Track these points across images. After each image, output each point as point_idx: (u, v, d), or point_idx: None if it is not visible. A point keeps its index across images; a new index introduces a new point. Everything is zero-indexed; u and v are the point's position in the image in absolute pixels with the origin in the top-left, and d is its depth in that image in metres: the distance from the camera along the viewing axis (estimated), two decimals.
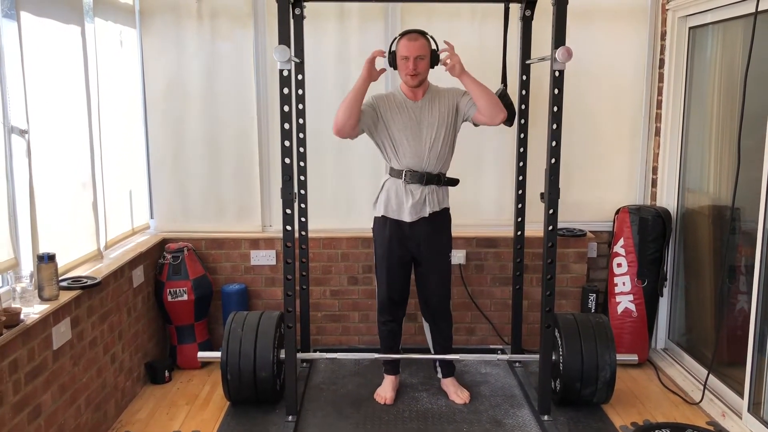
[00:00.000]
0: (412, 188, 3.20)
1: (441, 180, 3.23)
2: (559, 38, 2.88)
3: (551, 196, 3.00)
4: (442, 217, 3.29)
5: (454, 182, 3.29)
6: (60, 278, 2.80)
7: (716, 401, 3.33)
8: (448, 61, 3.08)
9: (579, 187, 4.09)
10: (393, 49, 3.17)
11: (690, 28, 3.78)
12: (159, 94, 3.96)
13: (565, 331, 3.28)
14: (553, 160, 2.97)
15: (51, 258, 2.66)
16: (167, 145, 4.01)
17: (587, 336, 3.25)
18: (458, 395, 3.42)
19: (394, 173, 3.21)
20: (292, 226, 3.02)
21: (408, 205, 3.20)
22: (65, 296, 2.73)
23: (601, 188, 4.16)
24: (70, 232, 3.09)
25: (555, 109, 2.94)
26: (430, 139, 3.17)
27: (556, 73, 2.91)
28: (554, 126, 2.95)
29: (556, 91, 2.92)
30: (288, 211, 3.00)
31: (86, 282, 2.91)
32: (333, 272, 4.07)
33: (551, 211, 3.01)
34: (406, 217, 3.22)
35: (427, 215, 3.21)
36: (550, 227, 3.02)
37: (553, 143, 2.96)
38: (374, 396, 3.45)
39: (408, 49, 3.08)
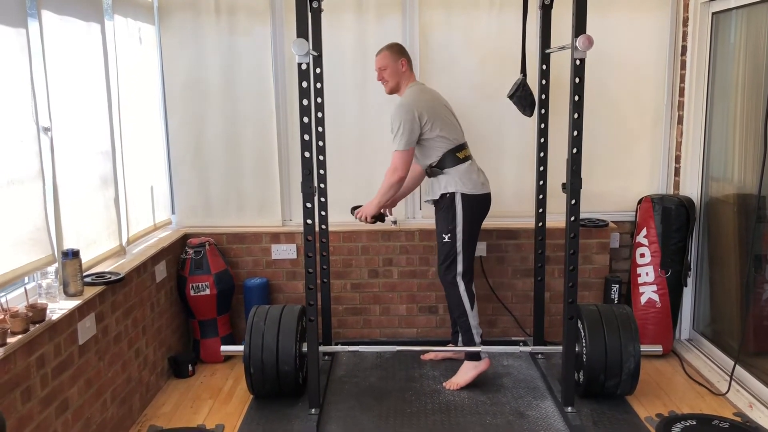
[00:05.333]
0: (428, 179, 3.55)
1: (430, 172, 3.45)
2: (579, 26, 2.84)
3: (573, 186, 2.97)
4: (440, 201, 3.43)
5: (436, 173, 3.42)
6: (84, 274, 2.82)
7: (743, 392, 3.29)
8: (362, 219, 3.50)
9: (601, 177, 4.05)
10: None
11: (713, 14, 3.71)
12: (178, 90, 3.98)
13: (589, 322, 3.25)
14: (574, 150, 2.93)
15: (75, 254, 2.69)
16: (187, 141, 4.03)
17: (611, 327, 3.22)
18: (452, 381, 3.47)
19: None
20: (313, 219, 3.02)
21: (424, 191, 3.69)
22: (89, 292, 2.76)
23: (623, 178, 4.12)
24: (94, 228, 3.11)
25: (576, 98, 2.90)
26: None
27: (577, 62, 2.87)
28: (576, 115, 2.91)
29: (577, 80, 2.88)
30: (308, 204, 3.00)
31: (110, 277, 2.94)
32: (353, 266, 4.07)
33: (573, 202, 2.98)
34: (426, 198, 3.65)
35: (425, 201, 3.63)
36: (572, 218, 2.99)
37: (575, 133, 2.92)
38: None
39: (376, 62, 3.51)
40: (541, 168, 3.60)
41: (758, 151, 3.21)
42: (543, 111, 3.55)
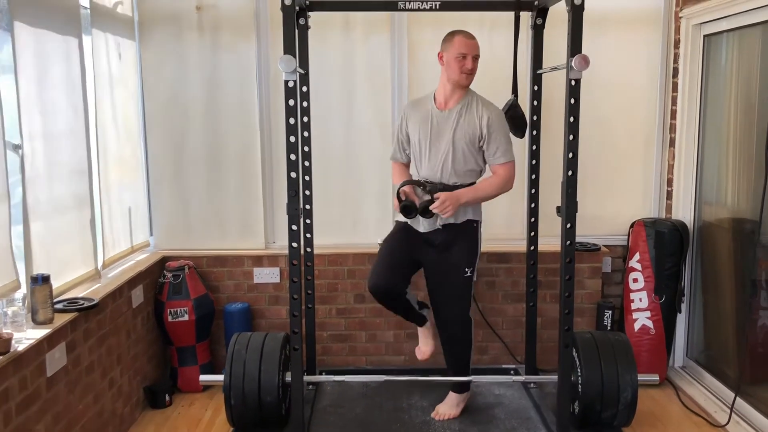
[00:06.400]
0: None
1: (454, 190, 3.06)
2: (575, 46, 2.76)
3: (569, 210, 2.87)
4: (464, 228, 3.12)
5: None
6: (55, 300, 2.67)
7: (743, 424, 3.19)
8: (444, 213, 2.99)
9: (591, 200, 3.96)
10: (440, 50, 3.08)
11: (705, 36, 3.67)
12: (159, 108, 3.85)
13: (584, 350, 3.14)
14: (570, 173, 2.84)
15: (45, 279, 2.53)
16: (167, 160, 3.89)
17: (607, 356, 3.11)
18: (440, 411, 3.30)
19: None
20: (298, 242, 2.89)
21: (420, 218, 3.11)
22: (60, 319, 2.60)
23: (614, 201, 4.04)
24: (67, 251, 2.96)
25: (571, 119, 2.81)
26: (447, 152, 3.06)
27: (573, 82, 2.78)
28: (571, 137, 2.82)
29: (573, 101, 2.80)
30: (294, 227, 2.87)
31: (83, 304, 2.78)
32: (339, 290, 3.93)
33: (569, 226, 2.88)
34: (419, 227, 3.15)
35: (439, 227, 3.10)
36: (568, 242, 2.89)
37: (570, 155, 2.83)
38: (415, 352, 3.40)
39: (467, 47, 3.00)
40: (533, 190, 3.51)
41: (752, 175, 3.15)
42: (534, 132, 3.47)
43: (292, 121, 2.82)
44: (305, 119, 3.47)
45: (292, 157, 2.83)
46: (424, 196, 3.06)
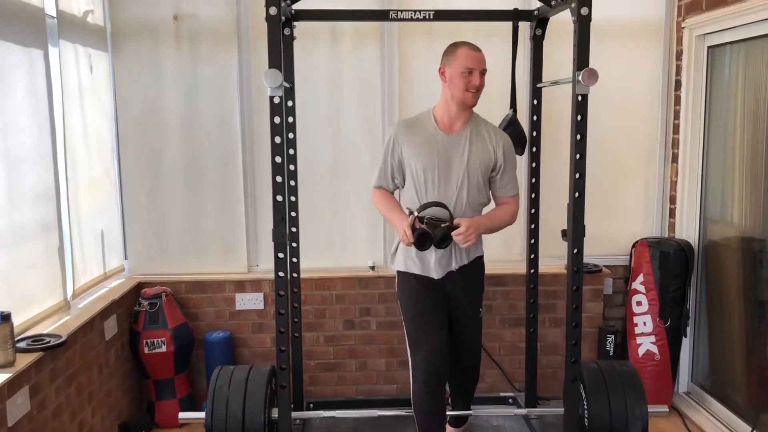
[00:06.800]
0: None
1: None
2: (582, 59, 2.59)
3: (576, 234, 2.68)
4: (474, 267, 2.84)
5: None
6: (18, 338, 2.43)
7: None
8: (466, 243, 2.63)
9: (591, 218, 3.68)
10: (441, 63, 2.75)
11: (709, 48, 3.51)
12: (133, 123, 3.61)
13: (590, 381, 2.94)
14: (576, 194, 2.65)
15: (5, 318, 2.30)
16: (142, 179, 3.65)
17: (615, 387, 2.92)
18: None
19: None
20: (285, 272, 2.67)
21: (433, 260, 2.75)
22: (23, 361, 2.35)
23: (615, 219, 3.87)
24: (31, 282, 2.70)
25: (578, 137, 2.63)
26: (462, 181, 2.70)
27: (579, 98, 2.61)
28: (577, 156, 2.64)
29: (579, 117, 2.62)
30: (281, 255, 2.65)
31: (49, 341, 2.53)
32: (327, 316, 3.70)
33: (576, 251, 2.69)
34: (432, 274, 2.76)
35: (454, 269, 2.78)
36: (575, 269, 2.69)
37: (577, 175, 2.64)
38: None
39: (473, 60, 2.64)
40: (533, 210, 3.32)
41: (760, 192, 2.99)
42: (534, 149, 3.28)
43: (278, 140, 2.60)
44: (290, 135, 3.25)
45: (278, 179, 2.61)
46: (441, 224, 2.64)
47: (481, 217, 2.79)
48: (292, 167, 3.26)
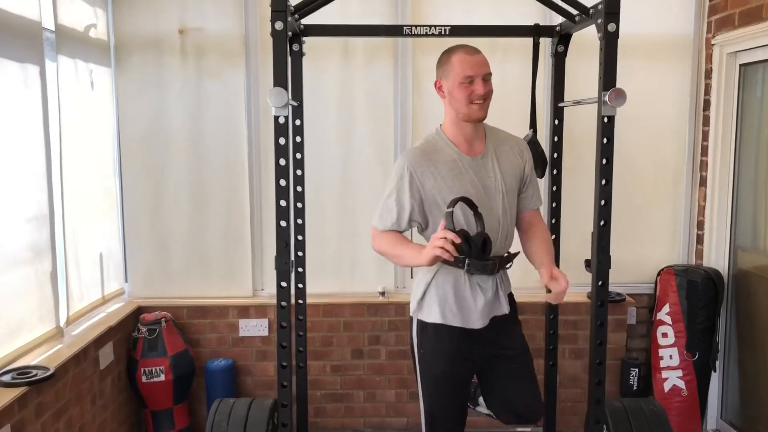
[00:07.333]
0: (479, 281, 2.25)
1: (509, 260, 2.35)
2: (608, 78, 2.41)
3: (600, 265, 2.49)
4: (512, 307, 2.44)
5: (515, 254, 2.40)
6: (2, 371, 2.29)
7: None
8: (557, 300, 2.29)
9: (614, 244, 3.49)
10: (437, 76, 2.35)
11: (741, 66, 3.33)
12: (136, 141, 3.48)
13: (614, 423, 2.74)
14: (602, 222, 2.47)
15: None
16: (145, 199, 3.52)
17: (641, 430, 2.72)
18: None
19: (449, 261, 2.15)
20: (288, 301, 2.49)
21: (478, 306, 2.25)
22: (6, 396, 2.22)
23: (639, 245, 3.67)
24: (20, 310, 2.56)
25: (604, 161, 2.45)
26: (502, 208, 2.27)
27: (605, 120, 2.43)
28: (603, 182, 2.45)
29: (605, 140, 2.44)
30: (284, 284, 2.47)
31: (35, 374, 2.38)
32: (334, 344, 3.53)
33: (600, 283, 2.50)
34: (476, 323, 2.27)
35: (502, 313, 2.32)
36: (600, 303, 2.50)
37: (602, 202, 2.46)
38: None
39: (472, 65, 2.17)
40: (554, 236, 3.12)
41: None
42: (555, 172, 3.09)
43: (282, 162, 2.43)
44: (298, 156, 3.09)
45: (282, 203, 2.45)
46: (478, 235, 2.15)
47: (545, 254, 2.36)
48: (299, 188, 3.10)
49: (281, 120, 2.40)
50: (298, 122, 3.07)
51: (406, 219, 2.25)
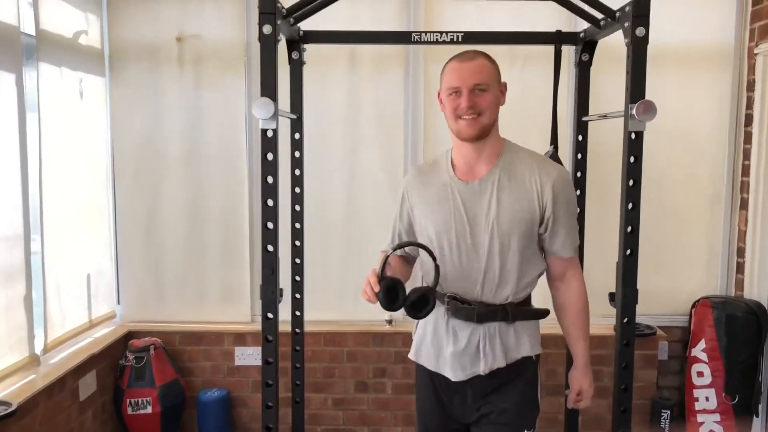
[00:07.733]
0: (456, 327, 1.90)
1: (509, 315, 1.88)
2: (636, 89, 2.14)
3: (626, 299, 2.20)
4: (519, 373, 1.92)
5: (541, 314, 1.98)
6: None
7: None
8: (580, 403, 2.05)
9: (644, 272, 3.16)
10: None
11: None
12: (130, 155, 3.30)
13: None
14: (628, 251, 2.18)
15: None
16: (138, 216, 3.33)
17: None
18: None
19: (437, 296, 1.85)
20: (275, 336, 2.24)
21: (447, 353, 1.91)
22: None
23: (671, 273, 3.36)
24: None
25: (631, 182, 2.16)
26: (490, 248, 1.86)
27: (633, 135, 2.15)
28: (630, 205, 2.17)
29: (633, 159, 2.16)
30: (270, 315, 2.23)
31: None
32: (336, 376, 3.28)
33: (626, 320, 2.21)
34: (447, 372, 1.91)
35: (482, 373, 1.88)
36: (625, 342, 2.21)
37: (629, 228, 2.17)
38: None
39: (459, 75, 1.84)
40: None
41: None
42: (578, 192, 2.81)
43: (270, 179, 2.19)
44: (297, 172, 2.85)
45: (270, 225, 2.21)
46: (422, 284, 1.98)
47: (580, 348, 2.04)
48: (297, 208, 2.87)
49: (269, 133, 2.16)
50: (297, 136, 2.83)
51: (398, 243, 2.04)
